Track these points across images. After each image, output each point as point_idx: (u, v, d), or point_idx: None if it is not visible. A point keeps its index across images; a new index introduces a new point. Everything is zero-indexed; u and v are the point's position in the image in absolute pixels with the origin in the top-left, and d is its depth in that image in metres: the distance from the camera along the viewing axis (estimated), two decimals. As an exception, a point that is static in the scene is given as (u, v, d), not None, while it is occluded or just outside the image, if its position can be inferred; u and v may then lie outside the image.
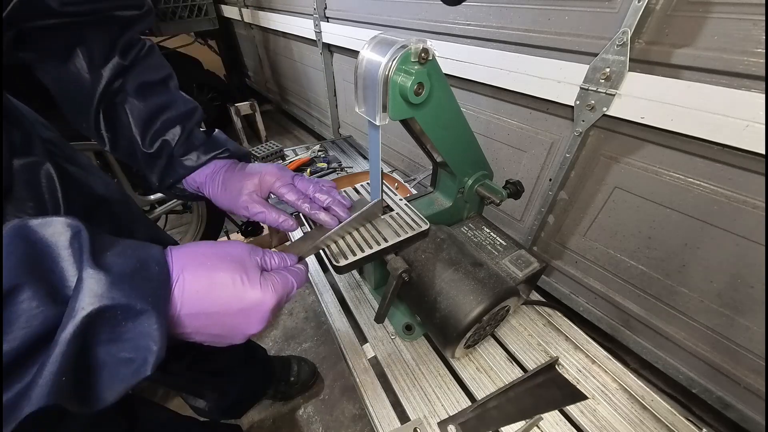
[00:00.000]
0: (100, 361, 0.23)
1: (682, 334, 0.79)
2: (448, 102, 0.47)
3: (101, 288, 0.23)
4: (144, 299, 0.24)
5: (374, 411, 0.52)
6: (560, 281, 1.02)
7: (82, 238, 0.24)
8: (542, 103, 0.82)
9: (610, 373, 0.56)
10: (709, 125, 0.57)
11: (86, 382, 0.23)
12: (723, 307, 0.70)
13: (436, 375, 0.56)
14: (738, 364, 0.71)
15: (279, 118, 2.89)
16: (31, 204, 0.36)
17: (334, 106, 1.84)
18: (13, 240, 0.22)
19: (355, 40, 1.33)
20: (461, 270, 0.51)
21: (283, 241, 1.38)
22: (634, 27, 0.59)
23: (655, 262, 0.77)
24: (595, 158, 0.79)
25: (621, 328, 0.90)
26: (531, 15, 0.77)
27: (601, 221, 0.84)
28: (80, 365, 0.22)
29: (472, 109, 1.03)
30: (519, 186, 0.60)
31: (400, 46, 0.36)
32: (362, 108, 0.41)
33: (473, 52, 0.90)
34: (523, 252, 0.59)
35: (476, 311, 0.47)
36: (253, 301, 0.31)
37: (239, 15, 2.27)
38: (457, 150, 0.54)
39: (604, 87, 0.66)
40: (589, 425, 0.50)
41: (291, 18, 1.73)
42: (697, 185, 0.65)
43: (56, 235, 0.23)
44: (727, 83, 0.55)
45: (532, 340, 0.61)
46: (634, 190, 0.75)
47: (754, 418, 0.70)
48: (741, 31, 0.52)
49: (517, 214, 1.05)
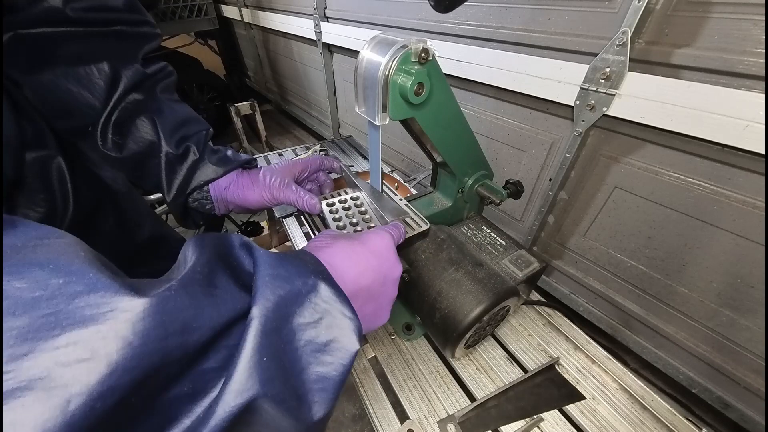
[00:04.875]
0: (300, 351, 0.22)
1: (682, 334, 0.79)
2: (448, 102, 0.47)
3: (275, 267, 0.23)
4: (314, 274, 0.25)
5: (374, 411, 0.52)
6: (560, 281, 1.02)
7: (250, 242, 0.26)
8: (542, 103, 0.82)
9: (610, 373, 0.56)
10: (709, 125, 0.57)
11: (292, 374, 0.21)
12: (723, 307, 0.70)
13: (436, 375, 0.56)
14: (738, 364, 0.71)
15: (279, 118, 2.89)
16: (42, 196, 0.37)
17: (334, 106, 1.84)
18: (197, 240, 0.23)
19: (355, 40, 1.33)
20: (461, 270, 0.51)
21: (282, 242, 1.38)
22: (634, 27, 0.59)
23: (655, 262, 0.77)
24: (595, 158, 0.79)
25: (621, 328, 0.90)
26: (531, 15, 0.77)
27: (601, 221, 0.84)
28: (280, 349, 0.21)
29: (472, 109, 1.03)
30: (519, 186, 0.60)
31: (400, 46, 0.36)
32: (362, 108, 0.41)
33: (473, 52, 0.90)
34: (523, 252, 0.59)
35: (476, 311, 0.47)
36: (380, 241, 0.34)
37: (239, 15, 2.27)
38: (457, 150, 0.54)
39: (604, 87, 0.66)
40: (589, 425, 0.50)
41: (291, 18, 1.73)
42: (697, 185, 0.65)
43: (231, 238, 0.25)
44: (727, 83, 0.55)
45: (532, 340, 0.61)
46: (634, 190, 0.75)
47: (754, 418, 0.70)
48: (741, 31, 0.52)
49: (517, 214, 1.05)
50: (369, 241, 0.34)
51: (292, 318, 0.22)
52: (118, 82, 0.41)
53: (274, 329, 0.21)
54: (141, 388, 0.15)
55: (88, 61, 0.39)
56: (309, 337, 0.22)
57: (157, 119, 0.44)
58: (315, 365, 0.22)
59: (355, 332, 0.24)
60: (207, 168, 0.47)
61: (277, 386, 0.20)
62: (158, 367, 0.16)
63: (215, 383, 0.18)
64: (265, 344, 0.20)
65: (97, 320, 0.14)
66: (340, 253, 0.31)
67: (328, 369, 0.23)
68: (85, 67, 0.39)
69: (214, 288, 0.20)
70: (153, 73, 0.44)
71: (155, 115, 0.44)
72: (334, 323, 0.24)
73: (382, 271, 0.33)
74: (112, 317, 0.15)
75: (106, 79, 0.40)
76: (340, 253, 0.31)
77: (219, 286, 0.20)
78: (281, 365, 0.20)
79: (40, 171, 0.37)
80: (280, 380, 0.20)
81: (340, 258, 0.30)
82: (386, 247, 0.34)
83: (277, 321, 0.21)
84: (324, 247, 0.31)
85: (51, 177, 0.38)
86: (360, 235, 0.35)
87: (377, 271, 0.32)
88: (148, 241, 0.55)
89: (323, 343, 0.23)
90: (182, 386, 0.17)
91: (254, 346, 0.19)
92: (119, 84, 0.41)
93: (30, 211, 0.36)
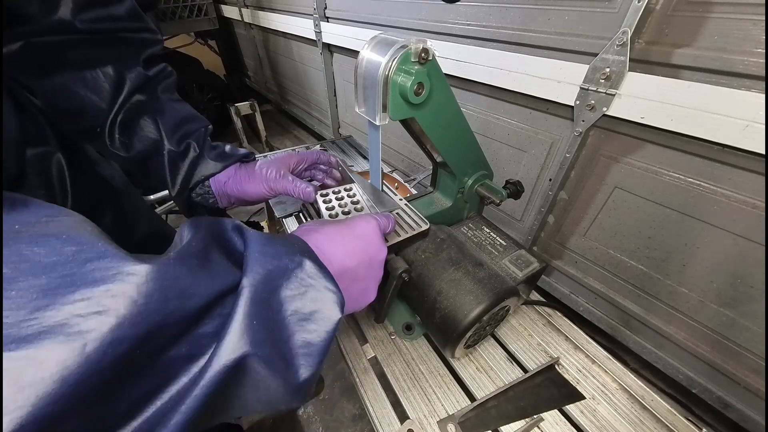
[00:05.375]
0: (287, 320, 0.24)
1: (682, 334, 0.79)
2: (448, 102, 0.47)
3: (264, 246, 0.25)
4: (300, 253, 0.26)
5: (374, 411, 0.52)
6: (560, 281, 1.02)
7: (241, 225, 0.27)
8: (542, 103, 0.82)
9: (610, 373, 0.56)
10: (709, 125, 0.57)
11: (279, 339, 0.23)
12: (723, 307, 0.70)
13: (436, 375, 0.56)
14: (738, 364, 0.71)
15: (279, 118, 2.89)
16: (42, 191, 0.38)
17: (334, 106, 1.84)
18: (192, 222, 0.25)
19: (355, 40, 1.33)
20: (461, 270, 0.51)
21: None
22: (634, 27, 0.59)
23: (655, 262, 0.77)
24: (595, 158, 0.79)
25: (621, 328, 0.90)
26: (531, 15, 0.77)
27: (601, 221, 0.84)
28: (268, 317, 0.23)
29: (471, 109, 1.03)
30: (519, 186, 0.60)
31: (400, 46, 0.36)
32: (362, 108, 0.41)
33: (473, 52, 0.90)
34: (523, 252, 0.59)
35: (476, 311, 0.47)
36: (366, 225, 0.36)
37: (239, 15, 2.27)
38: (457, 150, 0.54)
39: (604, 87, 0.66)
40: (589, 425, 0.50)
41: (291, 18, 1.73)
42: (697, 185, 0.65)
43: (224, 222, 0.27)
44: (727, 83, 0.55)
45: (532, 340, 0.61)
46: (634, 190, 0.75)
47: (754, 418, 0.70)
48: (741, 31, 0.52)
49: (517, 214, 1.05)
50: (355, 226, 0.36)
51: (280, 290, 0.24)
52: (122, 85, 0.43)
53: (263, 299, 0.22)
54: (145, 344, 0.17)
55: (94, 66, 0.41)
56: (295, 308, 0.24)
57: (159, 119, 0.46)
58: (301, 332, 0.24)
59: (338, 304, 0.26)
60: (207, 164, 0.48)
61: (266, 348, 0.22)
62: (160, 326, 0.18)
63: (210, 347, 0.20)
64: (255, 311, 0.21)
65: (106, 281, 0.16)
66: (327, 237, 0.33)
67: (313, 336, 0.25)
68: (92, 72, 0.41)
69: (209, 262, 0.22)
70: (154, 75, 0.46)
71: (157, 115, 0.46)
72: (318, 296, 0.25)
73: (368, 253, 0.35)
74: (120, 279, 0.17)
75: (112, 83, 0.42)
76: (327, 237, 0.33)
77: (213, 261, 0.22)
78: (270, 331, 0.22)
79: (40, 167, 0.39)
80: (269, 343, 0.22)
81: (327, 242, 0.32)
82: (372, 231, 0.36)
83: (266, 292, 0.23)
84: (312, 231, 0.33)
85: (51, 173, 0.40)
86: (347, 219, 0.37)
87: (363, 253, 0.34)
88: (146, 239, 0.55)
89: (308, 313, 0.25)
90: (180, 347, 0.19)
91: (245, 311, 0.21)
92: (124, 87, 0.43)
93: None
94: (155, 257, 0.19)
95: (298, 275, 0.25)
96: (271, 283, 0.23)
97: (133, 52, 0.44)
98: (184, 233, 0.23)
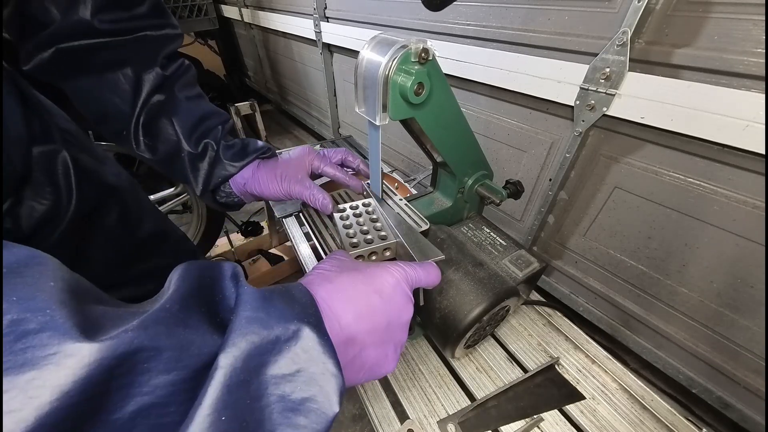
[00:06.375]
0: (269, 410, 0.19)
1: (682, 334, 0.79)
2: (448, 102, 0.47)
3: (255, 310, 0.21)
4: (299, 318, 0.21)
5: (374, 411, 0.52)
6: (560, 281, 1.02)
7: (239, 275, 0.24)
8: (542, 103, 0.82)
9: (610, 373, 0.56)
10: (709, 125, 0.57)
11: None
12: (723, 307, 0.70)
13: (436, 375, 0.56)
14: (738, 364, 0.71)
15: (279, 118, 2.89)
16: (48, 189, 0.38)
17: (334, 106, 1.84)
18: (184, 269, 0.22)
19: (355, 40, 1.33)
20: (461, 270, 0.51)
21: (282, 242, 1.38)
22: (634, 27, 0.59)
23: (655, 262, 0.77)
24: (595, 158, 0.79)
25: (621, 328, 0.90)
26: (531, 15, 0.77)
27: (601, 221, 0.84)
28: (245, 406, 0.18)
29: (471, 109, 1.03)
30: (519, 186, 0.60)
31: (400, 46, 0.36)
32: (362, 108, 0.41)
33: (473, 52, 0.90)
34: (523, 252, 0.59)
35: (476, 311, 0.47)
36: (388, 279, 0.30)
37: (239, 15, 2.27)
38: (457, 150, 0.54)
39: (604, 87, 0.66)
40: (589, 425, 0.50)
41: (291, 18, 1.73)
42: (697, 185, 0.65)
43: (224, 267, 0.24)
44: (727, 83, 0.55)
45: (532, 340, 0.61)
46: (634, 190, 0.75)
47: (754, 418, 0.70)
48: (741, 31, 0.52)
49: (517, 214, 1.05)
50: (375, 279, 0.29)
51: (265, 369, 0.19)
52: (141, 86, 0.43)
53: (241, 382, 0.18)
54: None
55: (114, 68, 0.42)
56: (282, 392, 0.20)
57: (175, 120, 0.45)
58: (285, 427, 0.19)
59: (337, 392, 0.21)
60: (223, 165, 0.48)
61: None
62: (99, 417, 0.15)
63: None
64: (227, 401, 0.17)
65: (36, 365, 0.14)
66: (340, 290, 0.27)
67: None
68: (113, 74, 0.42)
69: (185, 328, 0.18)
70: (171, 74, 0.46)
71: (173, 116, 0.46)
72: (314, 378, 0.20)
73: (386, 315, 0.28)
74: (55, 362, 0.14)
75: (131, 84, 0.42)
76: (339, 290, 0.27)
77: (190, 326, 0.19)
78: (244, 426, 0.18)
79: (46, 164, 0.39)
80: None
81: (339, 296, 0.27)
82: (394, 286, 0.30)
83: (247, 373, 0.18)
84: (324, 282, 0.28)
85: (56, 170, 0.40)
86: (368, 267, 0.30)
87: (381, 315, 0.28)
88: (150, 237, 0.55)
89: (298, 401, 0.20)
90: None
91: (212, 402, 0.17)
92: (143, 88, 0.43)
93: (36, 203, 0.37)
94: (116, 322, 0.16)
95: (291, 349, 0.20)
96: (254, 360, 0.19)
97: (151, 50, 0.44)
98: (170, 283, 0.20)
